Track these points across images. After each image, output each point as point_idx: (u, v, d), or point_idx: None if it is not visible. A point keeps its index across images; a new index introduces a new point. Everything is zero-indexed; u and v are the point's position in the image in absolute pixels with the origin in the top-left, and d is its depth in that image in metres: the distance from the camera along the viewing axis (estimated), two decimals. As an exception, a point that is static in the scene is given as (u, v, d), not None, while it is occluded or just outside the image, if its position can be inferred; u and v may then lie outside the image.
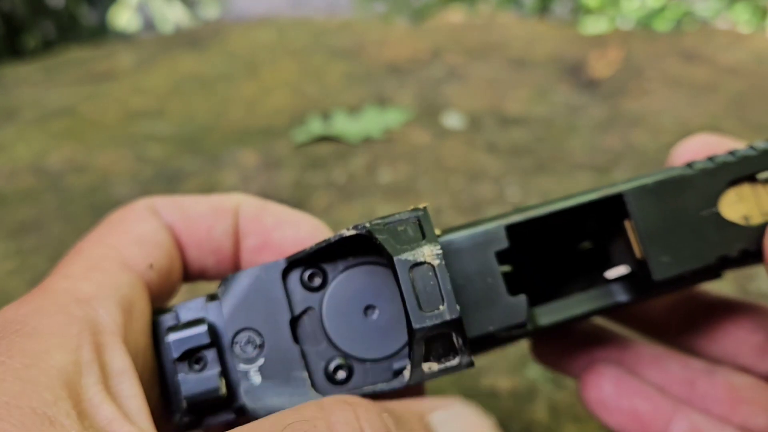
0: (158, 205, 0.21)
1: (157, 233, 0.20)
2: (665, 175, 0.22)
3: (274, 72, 1.03)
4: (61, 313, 0.17)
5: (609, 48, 1.09)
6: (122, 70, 1.06)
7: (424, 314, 0.17)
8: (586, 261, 0.26)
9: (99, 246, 0.20)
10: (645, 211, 0.21)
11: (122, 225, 0.20)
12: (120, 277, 0.19)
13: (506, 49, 1.11)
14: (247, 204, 0.22)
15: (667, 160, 0.25)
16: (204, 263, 0.22)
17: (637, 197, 0.21)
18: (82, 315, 0.17)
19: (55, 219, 0.69)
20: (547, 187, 0.75)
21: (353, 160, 0.78)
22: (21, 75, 1.06)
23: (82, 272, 0.19)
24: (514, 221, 0.21)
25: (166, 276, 0.21)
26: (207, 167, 0.77)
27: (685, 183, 0.22)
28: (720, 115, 0.89)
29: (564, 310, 0.23)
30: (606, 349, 0.28)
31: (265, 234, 0.22)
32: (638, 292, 0.23)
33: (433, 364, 0.18)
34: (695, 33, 1.15)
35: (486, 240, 0.20)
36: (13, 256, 0.64)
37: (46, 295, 0.18)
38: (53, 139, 0.84)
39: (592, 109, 0.92)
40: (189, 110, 0.92)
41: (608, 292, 0.24)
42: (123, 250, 0.19)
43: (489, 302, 0.20)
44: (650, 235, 0.21)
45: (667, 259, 0.21)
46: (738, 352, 0.27)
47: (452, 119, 0.89)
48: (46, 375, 0.15)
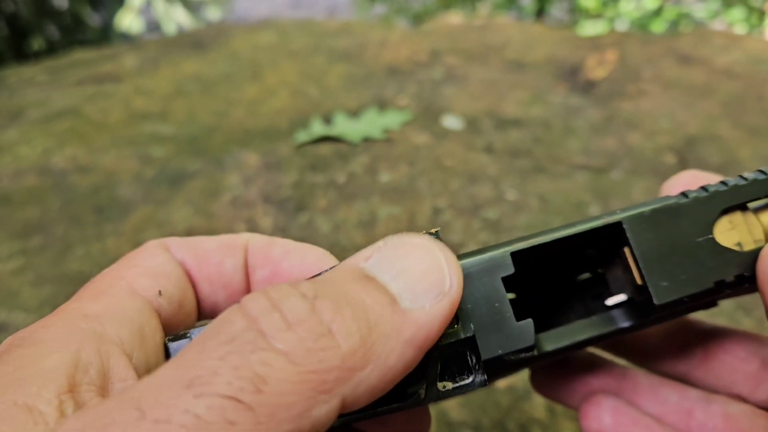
0: (169, 244, 0.22)
1: (166, 265, 0.21)
2: (661, 204, 0.23)
3: (276, 74, 1.04)
4: (66, 326, 0.17)
5: (606, 50, 1.09)
6: (126, 71, 1.06)
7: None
8: (585, 290, 0.27)
9: (108, 277, 0.20)
10: (643, 238, 0.22)
11: (132, 260, 0.21)
12: (128, 302, 0.19)
13: (504, 51, 1.12)
14: (255, 239, 0.23)
15: (660, 194, 0.26)
16: (216, 298, 0.22)
17: (635, 224, 0.22)
18: (87, 327, 0.17)
19: (59, 219, 0.70)
20: (545, 188, 0.75)
21: (353, 160, 0.79)
22: (25, 76, 1.07)
23: (91, 296, 0.19)
24: (519, 248, 0.21)
25: (177, 305, 0.21)
26: (209, 168, 0.78)
27: (681, 211, 0.22)
28: (715, 117, 0.89)
29: (567, 336, 0.24)
30: (604, 380, 0.28)
31: (274, 265, 0.22)
32: (639, 317, 0.24)
33: (447, 383, 0.19)
34: (691, 35, 1.16)
35: (492, 266, 0.21)
36: (17, 255, 0.64)
37: (55, 314, 0.18)
38: (57, 140, 0.85)
39: (589, 111, 0.93)
40: (192, 111, 0.92)
41: (610, 319, 0.24)
42: (132, 280, 0.20)
43: (497, 326, 0.20)
44: (649, 260, 0.22)
45: (667, 284, 0.22)
46: (733, 381, 0.27)
47: (451, 120, 0.89)
48: (36, 373, 0.16)
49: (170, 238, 0.22)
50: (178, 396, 0.13)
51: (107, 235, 0.67)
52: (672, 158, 0.81)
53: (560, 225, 0.23)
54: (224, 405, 0.13)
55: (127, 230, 0.68)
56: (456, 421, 0.45)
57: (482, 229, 0.68)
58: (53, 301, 0.58)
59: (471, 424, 0.45)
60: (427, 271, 0.17)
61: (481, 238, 0.67)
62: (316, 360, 0.14)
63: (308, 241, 0.77)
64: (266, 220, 0.69)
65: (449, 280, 0.17)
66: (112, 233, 0.67)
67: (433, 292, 0.17)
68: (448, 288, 0.17)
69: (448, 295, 0.17)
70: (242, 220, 0.69)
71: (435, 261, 0.17)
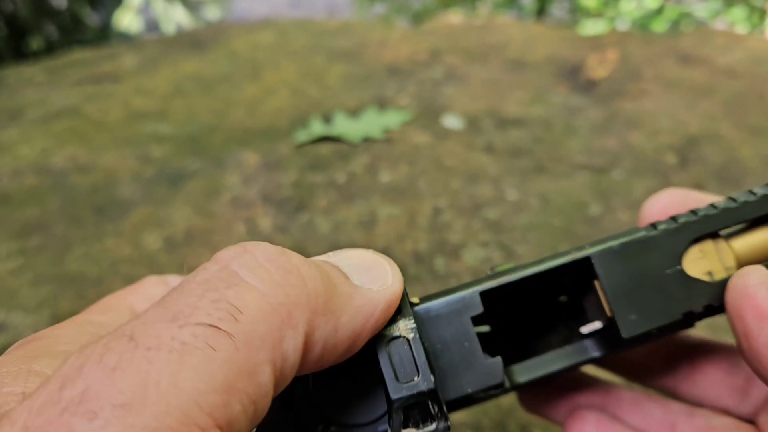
0: (168, 279, 0.24)
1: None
2: (630, 237, 0.23)
3: (275, 73, 1.04)
4: (76, 328, 0.19)
5: (606, 50, 1.09)
6: (125, 71, 1.06)
7: (401, 385, 0.19)
8: (562, 314, 0.27)
9: (113, 299, 0.22)
10: (612, 272, 0.22)
11: (135, 289, 0.23)
12: (129, 317, 0.21)
13: (505, 50, 1.12)
14: None
15: (639, 216, 0.26)
16: None
17: (603, 259, 0.23)
18: (95, 331, 0.19)
19: (58, 218, 0.70)
20: (546, 188, 0.75)
21: (353, 160, 0.79)
22: (24, 76, 1.07)
23: (98, 311, 0.21)
24: (488, 287, 0.22)
25: None
26: (209, 167, 0.78)
27: (650, 243, 0.23)
28: (717, 116, 0.89)
29: (540, 367, 0.24)
30: (588, 395, 0.29)
31: None
32: (609, 349, 0.24)
33: (412, 430, 0.19)
34: (692, 34, 1.16)
35: (462, 306, 0.21)
36: (16, 255, 0.64)
37: (65, 321, 0.20)
38: (56, 140, 0.85)
39: (590, 111, 0.93)
40: (191, 111, 0.92)
41: (582, 349, 0.25)
42: (134, 302, 0.22)
43: (466, 365, 0.21)
44: (617, 294, 0.22)
45: (635, 317, 0.22)
46: (718, 394, 0.27)
47: (451, 120, 0.89)
48: (49, 354, 0.17)
49: (169, 275, 0.25)
50: (165, 327, 0.15)
51: (107, 234, 0.67)
52: (673, 158, 0.81)
53: (530, 262, 0.23)
54: (206, 332, 0.15)
55: (126, 230, 0.67)
56: (457, 422, 0.45)
57: (483, 229, 0.68)
58: (52, 301, 0.58)
59: (471, 424, 0.45)
60: (373, 265, 0.20)
61: (481, 238, 0.67)
62: (283, 293, 0.16)
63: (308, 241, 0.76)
64: (266, 220, 0.69)
65: (392, 276, 0.19)
66: (112, 233, 0.67)
67: (378, 281, 0.19)
68: (391, 282, 0.19)
69: (391, 287, 0.19)
70: (242, 219, 0.69)
71: (378, 260, 0.20)
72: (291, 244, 0.65)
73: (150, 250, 0.64)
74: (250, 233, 0.66)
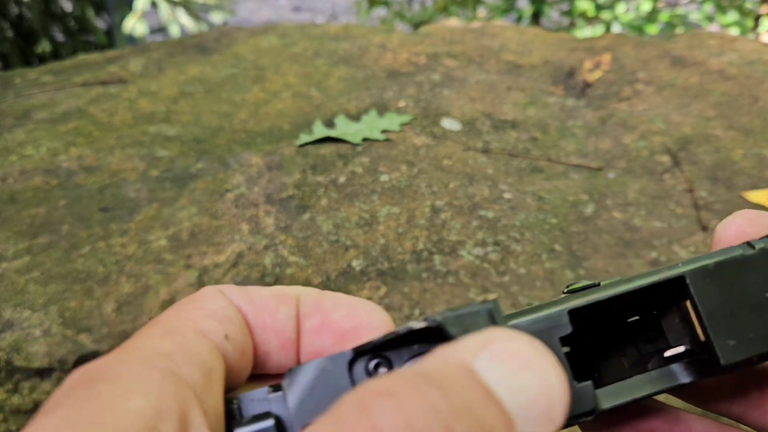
0: (225, 290, 0.22)
1: (228, 309, 0.21)
2: (725, 256, 0.22)
3: (278, 76, 1.05)
4: (143, 362, 0.17)
5: (601, 53, 1.11)
6: (131, 74, 1.08)
7: None
8: (638, 332, 0.26)
9: (174, 318, 0.19)
10: (707, 294, 0.21)
11: (194, 302, 0.20)
12: (198, 343, 0.19)
13: (501, 54, 1.13)
14: (306, 291, 0.23)
15: (713, 239, 0.25)
16: (268, 347, 0.22)
17: (698, 279, 0.21)
18: (164, 366, 0.17)
19: (64, 218, 0.71)
20: (541, 188, 0.77)
21: (354, 160, 0.80)
22: (31, 78, 1.09)
23: (162, 334, 0.18)
24: (577, 305, 0.21)
25: (240, 351, 0.21)
26: (214, 168, 0.79)
27: (747, 263, 0.21)
28: (710, 118, 0.91)
29: (626, 392, 0.22)
30: (653, 422, 0.26)
31: (324, 315, 0.22)
32: (702, 375, 0.23)
33: None
34: (685, 37, 1.17)
35: (549, 326, 0.20)
36: (23, 254, 0.65)
37: (128, 349, 0.18)
38: (63, 141, 0.86)
39: (585, 113, 0.94)
40: (196, 113, 0.94)
41: (670, 373, 0.23)
42: (198, 321, 0.19)
43: None
44: (714, 317, 0.21)
45: (734, 343, 0.21)
46: None
47: (449, 122, 0.91)
48: (118, 417, 0.15)
49: (225, 285, 0.22)
50: None
51: (113, 234, 0.68)
52: (666, 158, 0.82)
53: (618, 279, 0.22)
54: None
55: (132, 229, 0.69)
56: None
57: (480, 228, 0.70)
58: (59, 299, 0.59)
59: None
60: (541, 392, 0.15)
61: (478, 237, 0.68)
62: None
63: (310, 240, 0.78)
64: (269, 220, 0.70)
65: (558, 407, 0.15)
66: (118, 232, 0.68)
67: (543, 417, 0.15)
68: (556, 415, 0.15)
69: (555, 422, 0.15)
70: (245, 219, 0.70)
71: (549, 380, 0.15)
72: (293, 243, 0.67)
73: (155, 249, 0.65)
74: (253, 232, 0.68)
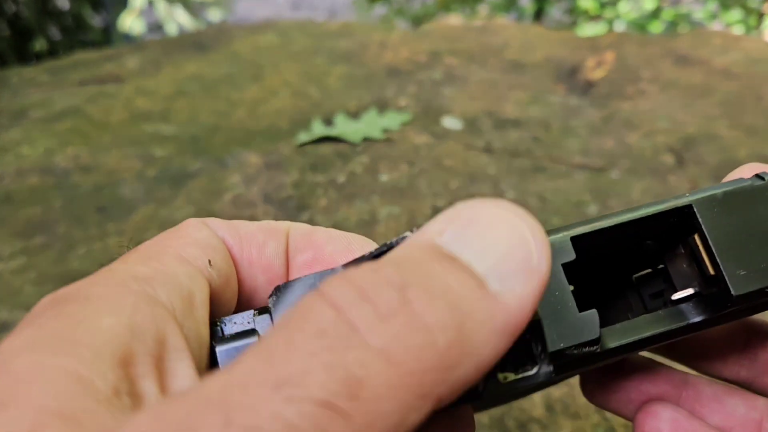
0: (209, 222, 0.21)
1: (212, 239, 0.20)
2: (735, 186, 0.21)
3: (277, 74, 1.04)
4: (117, 285, 0.16)
5: (604, 51, 1.10)
6: (128, 72, 1.07)
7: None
8: (644, 287, 0.25)
9: (154, 245, 0.19)
10: (716, 223, 0.20)
11: (177, 232, 0.20)
12: (178, 267, 0.18)
13: (503, 52, 1.12)
14: (297, 226, 0.22)
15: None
16: (255, 282, 0.21)
17: (706, 208, 0.20)
18: (139, 289, 0.16)
19: (61, 218, 0.70)
20: (544, 188, 0.76)
21: (354, 160, 0.80)
22: (28, 77, 1.08)
23: (140, 260, 0.18)
24: (580, 232, 0.20)
25: (225, 280, 0.20)
26: (211, 167, 0.79)
27: (757, 194, 0.21)
28: (714, 117, 0.90)
29: (633, 331, 0.21)
30: (662, 386, 0.25)
31: (316, 249, 0.21)
32: (713, 311, 0.22)
33: (509, 374, 0.17)
34: (689, 36, 1.16)
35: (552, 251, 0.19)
36: (19, 254, 0.65)
37: (102, 273, 0.17)
38: (60, 140, 0.85)
39: (588, 111, 0.93)
40: (193, 112, 0.93)
41: (679, 313, 0.22)
42: (180, 248, 0.19)
43: (558, 317, 0.18)
44: (723, 247, 0.20)
45: (745, 273, 0.20)
46: None
47: (450, 121, 0.90)
48: (89, 335, 0.14)
49: (210, 218, 0.21)
50: (267, 398, 0.12)
51: (109, 234, 0.67)
52: (670, 158, 0.82)
53: (620, 210, 0.21)
54: (318, 412, 0.12)
55: (129, 229, 0.68)
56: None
57: (481, 228, 0.69)
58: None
59: (470, 419, 0.46)
60: (514, 246, 0.15)
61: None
62: (413, 359, 0.13)
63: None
64: (267, 220, 0.69)
65: (537, 255, 0.15)
66: (114, 232, 0.68)
67: (521, 271, 0.14)
68: (536, 264, 0.15)
69: (537, 272, 0.15)
70: (243, 219, 0.69)
71: (519, 233, 0.15)
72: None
73: (152, 249, 0.65)
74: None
